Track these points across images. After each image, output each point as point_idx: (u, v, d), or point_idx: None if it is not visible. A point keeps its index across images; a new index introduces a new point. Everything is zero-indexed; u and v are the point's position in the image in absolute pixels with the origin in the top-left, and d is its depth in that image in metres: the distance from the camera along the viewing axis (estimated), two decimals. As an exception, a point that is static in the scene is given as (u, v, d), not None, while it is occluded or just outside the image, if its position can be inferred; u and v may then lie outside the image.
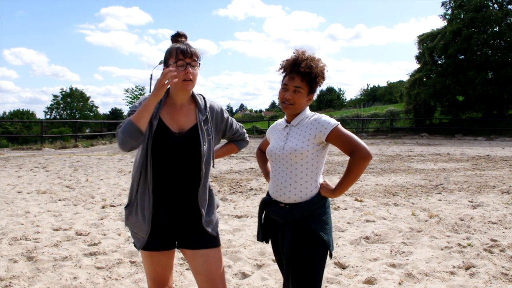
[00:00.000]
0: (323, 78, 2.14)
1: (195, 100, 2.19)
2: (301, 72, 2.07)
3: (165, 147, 2.06)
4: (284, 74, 2.16)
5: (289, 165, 2.10)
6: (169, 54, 2.08)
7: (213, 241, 2.15)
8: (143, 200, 2.06)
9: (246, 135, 2.47)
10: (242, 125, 2.44)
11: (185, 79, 2.04)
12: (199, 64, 2.10)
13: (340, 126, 2.06)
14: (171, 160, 2.08)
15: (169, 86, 2.16)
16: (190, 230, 2.12)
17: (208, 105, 2.21)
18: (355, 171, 2.00)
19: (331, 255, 2.14)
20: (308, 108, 2.21)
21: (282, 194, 2.11)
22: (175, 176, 2.09)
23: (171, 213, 2.09)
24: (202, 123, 2.14)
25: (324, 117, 2.11)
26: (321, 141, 2.07)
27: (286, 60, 2.15)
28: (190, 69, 2.05)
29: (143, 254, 2.17)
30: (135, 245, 2.17)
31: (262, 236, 2.25)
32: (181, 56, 2.04)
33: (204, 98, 2.23)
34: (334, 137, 2.04)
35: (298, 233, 2.06)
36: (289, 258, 2.05)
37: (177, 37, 2.14)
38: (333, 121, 2.07)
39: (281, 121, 2.30)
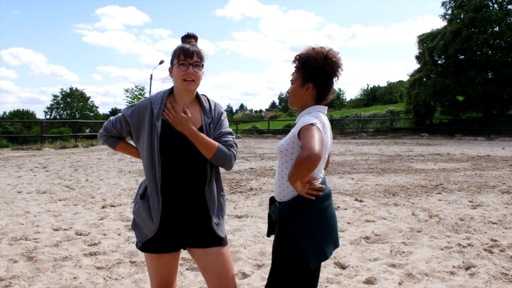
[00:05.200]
0: (316, 61, 2.01)
1: (200, 102, 2.18)
2: (294, 65, 2.11)
3: (172, 147, 2.07)
4: None
5: (279, 163, 2.10)
6: (174, 53, 2.10)
7: (222, 240, 2.16)
8: (153, 201, 2.07)
9: (233, 152, 2.15)
10: (234, 141, 2.19)
11: (186, 79, 2.05)
12: (202, 65, 2.10)
13: (309, 126, 1.87)
14: (178, 160, 2.08)
15: (172, 85, 2.17)
16: (200, 229, 2.12)
17: (213, 107, 2.20)
18: (294, 168, 1.82)
19: (314, 265, 1.92)
20: (313, 107, 2.08)
21: (275, 192, 2.13)
22: (184, 176, 2.09)
23: (180, 213, 2.09)
24: (208, 127, 2.13)
25: (306, 116, 1.99)
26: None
27: None
28: (192, 69, 2.05)
29: (148, 256, 2.15)
30: (136, 245, 2.16)
31: (269, 232, 2.24)
32: (182, 57, 2.05)
33: (208, 100, 2.22)
34: (300, 136, 1.90)
35: (281, 234, 2.05)
36: (273, 258, 2.06)
37: (186, 38, 2.16)
38: (309, 121, 1.91)
39: None
